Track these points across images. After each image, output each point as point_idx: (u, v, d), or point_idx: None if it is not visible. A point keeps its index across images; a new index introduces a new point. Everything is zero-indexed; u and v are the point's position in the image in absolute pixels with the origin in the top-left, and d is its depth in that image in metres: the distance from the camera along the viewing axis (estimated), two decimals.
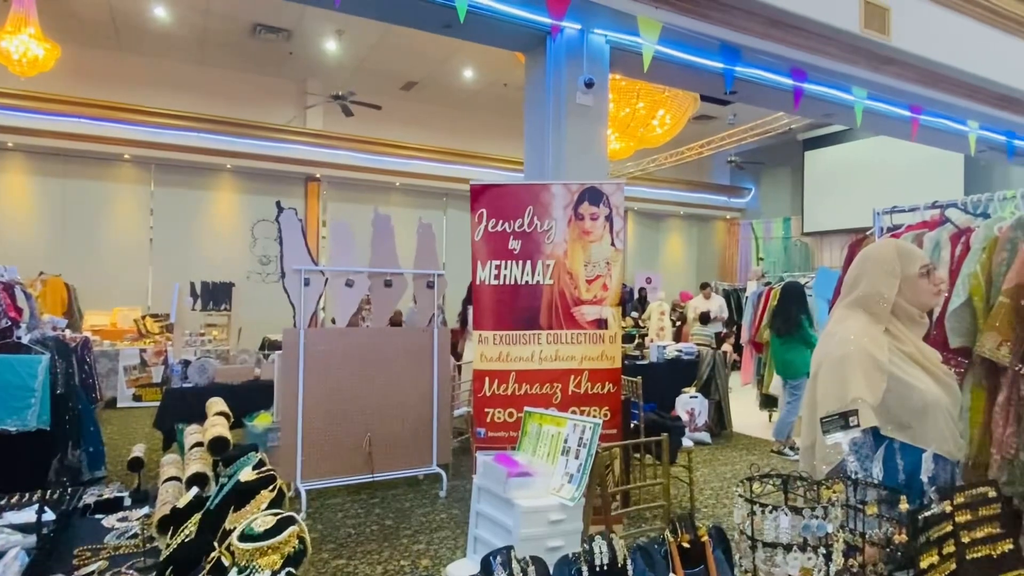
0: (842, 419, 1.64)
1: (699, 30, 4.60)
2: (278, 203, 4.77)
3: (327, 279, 4.81)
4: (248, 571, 1.22)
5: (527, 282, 3.86)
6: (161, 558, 1.65)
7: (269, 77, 11.59)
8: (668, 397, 6.32)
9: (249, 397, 5.21)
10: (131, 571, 1.85)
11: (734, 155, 14.34)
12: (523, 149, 5.04)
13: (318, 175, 11.66)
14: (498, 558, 1.20)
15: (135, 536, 2.10)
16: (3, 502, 2.19)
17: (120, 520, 2.22)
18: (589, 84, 4.30)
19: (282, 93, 11.71)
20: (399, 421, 4.81)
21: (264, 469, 1.71)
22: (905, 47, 5.79)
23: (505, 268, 3.86)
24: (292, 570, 1.11)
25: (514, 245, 3.86)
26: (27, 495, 2.26)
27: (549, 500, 2.34)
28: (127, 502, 2.37)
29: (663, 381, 6.48)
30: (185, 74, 10.96)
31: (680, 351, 7.23)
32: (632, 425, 4.43)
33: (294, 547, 1.28)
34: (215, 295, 7.81)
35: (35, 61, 7.18)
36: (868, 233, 3.47)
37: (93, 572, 1.85)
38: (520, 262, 3.86)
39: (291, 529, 1.29)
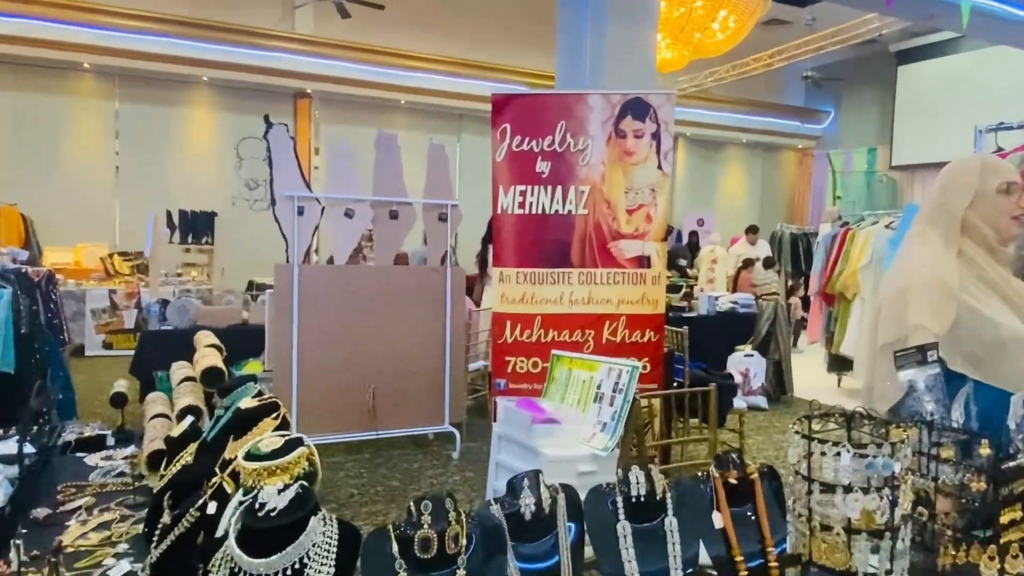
0: (919, 353, 1.69)
1: None
2: (266, 117, 4.83)
3: (323, 208, 4.89)
4: (255, 492, 1.34)
5: (557, 211, 3.90)
6: (155, 488, 1.79)
7: None
8: (719, 355, 6.40)
9: (236, 343, 5.30)
10: (120, 508, 2.01)
11: (810, 70, 13.95)
12: (554, 57, 5.00)
13: (309, 90, 11.64)
14: (525, 481, 1.31)
15: (122, 475, 2.26)
16: None
17: (104, 459, 2.39)
18: None
19: None
20: (406, 373, 4.95)
21: (265, 398, 1.83)
22: None
23: (531, 194, 3.89)
24: (305, 483, 1.22)
25: (542, 167, 3.87)
26: (4, 429, 2.44)
27: (579, 450, 2.45)
28: (110, 441, 2.54)
29: (714, 336, 6.55)
30: None
31: (735, 303, 7.27)
32: (675, 384, 4.53)
33: (304, 468, 1.40)
34: (195, 226, 7.98)
35: None
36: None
37: (80, 507, 2.02)
38: (549, 188, 3.88)
39: (300, 450, 1.41)
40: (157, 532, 1.56)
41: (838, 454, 1.52)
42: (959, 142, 12.65)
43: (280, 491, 1.18)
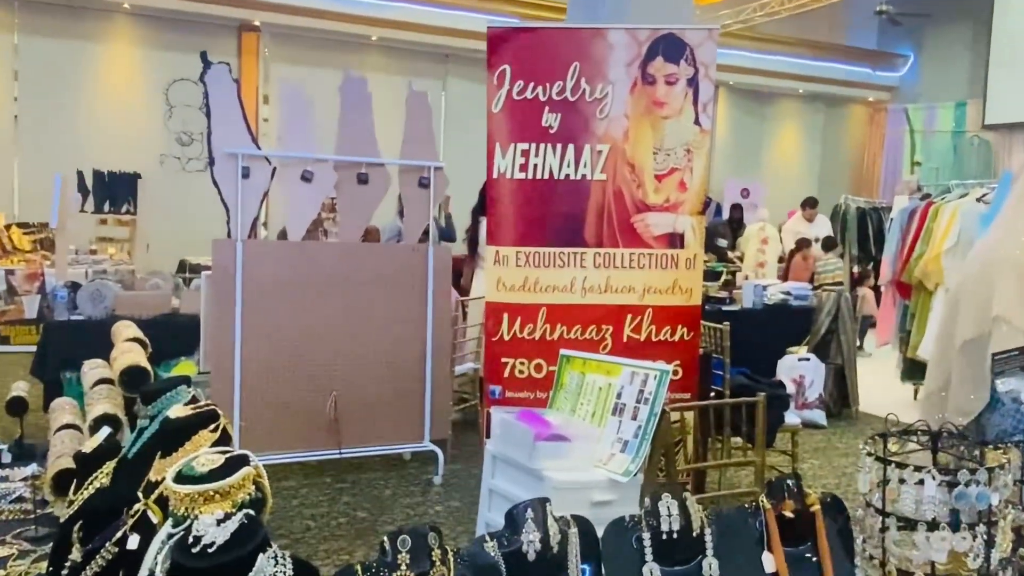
0: (1021, 354, 1.69)
1: None
2: (203, 54, 4.80)
3: (275, 169, 4.87)
4: (187, 522, 1.33)
5: (568, 176, 3.88)
6: (63, 517, 1.78)
7: None
8: (767, 359, 6.41)
9: (164, 338, 5.36)
10: (18, 540, 2.01)
11: (885, 3, 13.90)
12: None
13: (256, 22, 11.60)
14: (529, 512, 1.30)
15: (20, 500, 2.26)
16: None
17: (2, 477, 2.38)
18: None
19: None
20: (377, 377, 4.96)
21: (201, 405, 1.82)
22: None
23: (536, 155, 3.87)
24: (251, 512, 1.22)
25: (550, 120, 3.85)
26: None
27: (593, 474, 2.45)
28: (6, 458, 2.53)
29: (762, 335, 6.55)
30: None
31: (788, 293, 7.28)
32: (713, 393, 4.53)
33: (249, 494, 1.39)
34: (113, 191, 7.93)
35: None
36: None
37: None
38: (558, 146, 3.85)
39: (245, 470, 1.40)
40: (65, 572, 1.56)
41: (921, 482, 1.52)
42: None
43: (220, 522, 1.18)
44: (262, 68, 11.91)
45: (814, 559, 1.52)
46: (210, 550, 1.15)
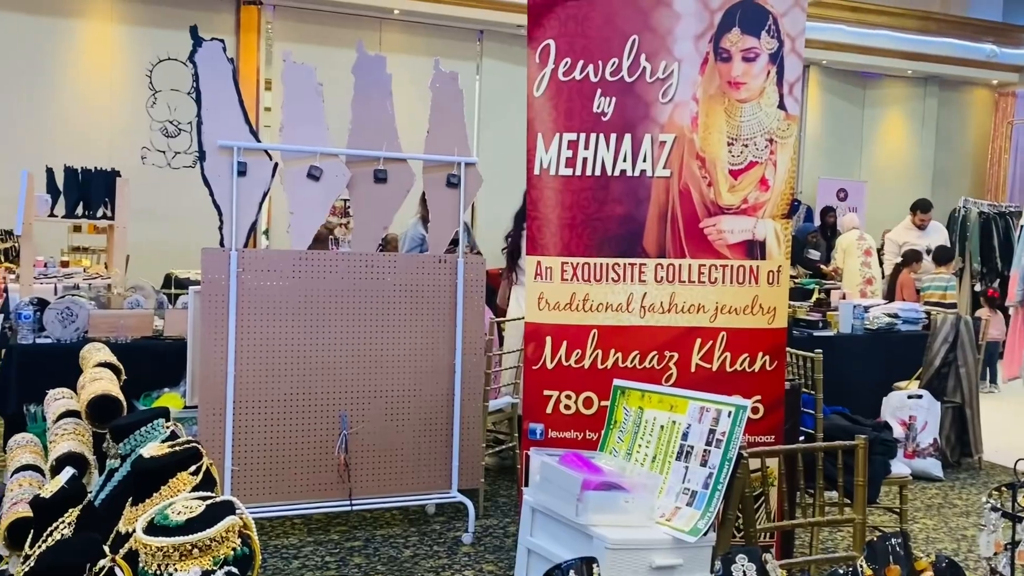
0: None
1: None
2: (193, 30, 4.89)
3: (276, 166, 4.94)
4: None
5: (624, 172, 3.87)
6: (18, 574, 1.80)
7: None
8: (870, 395, 6.33)
9: (145, 365, 5.45)
10: None
11: None
12: None
13: None
14: (571, 574, 1.28)
15: None
16: None
17: None
18: None
19: None
20: (397, 414, 5.00)
21: (181, 442, 1.83)
22: None
23: (586, 147, 3.87)
24: (234, 570, 1.21)
25: (604, 106, 3.84)
26: None
27: (654, 532, 2.42)
28: None
29: (863, 367, 6.50)
30: None
31: (895, 316, 7.21)
32: (801, 436, 4.47)
33: (235, 548, 1.38)
34: (88, 190, 8.01)
35: None
36: None
37: None
38: (613, 136, 3.85)
39: (229, 520, 1.39)
40: None
41: None
42: None
43: None
44: (264, 48, 12.07)
45: None
46: None
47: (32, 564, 1.75)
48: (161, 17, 11.47)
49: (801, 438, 4.44)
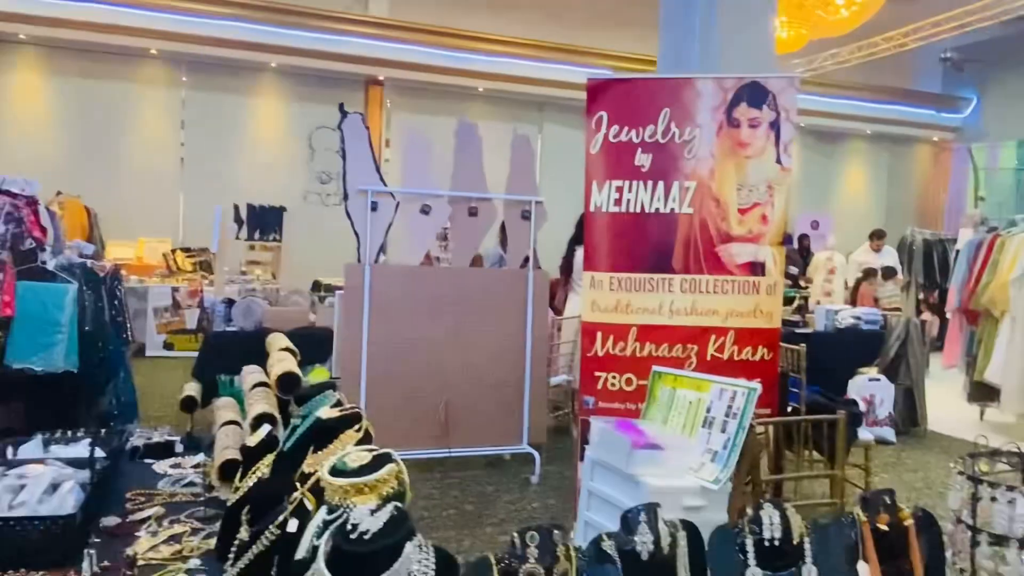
0: None
1: None
2: (341, 106, 4.97)
3: (398, 204, 4.99)
4: (341, 511, 1.36)
5: (658, 210, 3.83)
6: (230, 501, 1.85)
7: None
8: (838, 378, 6.17)
9: (302, 347, 5.50)
10: (190, 520, 2.09)
11: (950, 50, 13.32)
12: (652, 38, 4.93)
13: (381, 76, 11.93)
14: (642, 516, 1.27)
15: (191, 484, 2.35)
16: (48, 436, 2.51)
17: (173, 467, 2.48)
18: None
19: None
20: (482, 386, 5.00)
21: (347, 407, 1.86)
22: None
23: (629, 191, 3.84)
24: (399, 504, 1.23)
25: (643, 160, 3.82)
26: (73, 431, 2.58)
27: (686, 480, 2.40)
28: (179, 447, 2.64)
29: (833, 357, 6.33)
30: None
31: (859, 318, 7.03)
32: (789, 409, 4.39)
33: (393, 488, 1.41)
34: (263, 221, 8.29)
35: None
36: None
37: (150, 518, 2.10)
38: (650, 183, 3.82)
39: (390, 467, 1.42)
40: (234, 549, 1.60)
41: (1013, 501, 1.43)
42: None
43: (373, 512, 1.19)
44: (385, 116, 12.23)
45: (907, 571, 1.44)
46: (365, 537, 1.17)
47: (242, 494, 1.80)
48: (317, 95, 11.67)
49: (789, 410, 4.35)
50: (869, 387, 6.15)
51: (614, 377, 3.89)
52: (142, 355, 8.48)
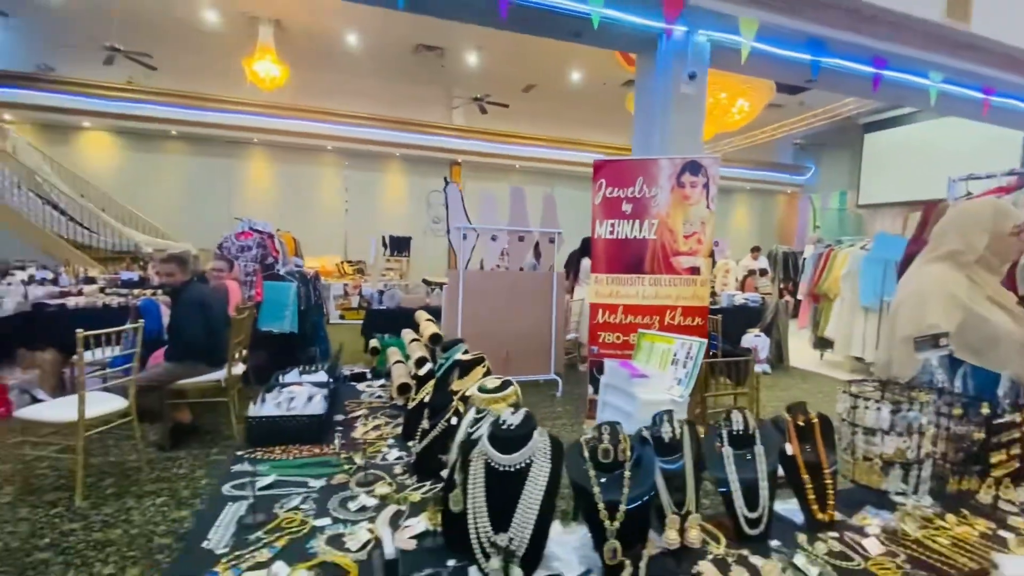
0: (933, 340, 1.55)
1: (790, 26, 4.16)
2: (445, 178, 5.03)
3: (477, 235, 5.01)
4: (485, 412, 1.39)
5: (635, 236, 3.80)
6: (410, 406, 1.88)
7: (423, 86, 11.87)
8: (736, 336, 6.09)
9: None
10: (384, 417, 2.14)
11: (800, 138, 12.97)
12: (615, 136, 4.88)
13: (460, 160, 11.94)
14: (665, 416, 1.29)
15: (379, 397, 2.41)
16: (302, 368, 2.59)
17: (367, 387, 2.55)
18: (692, 76, 4.06)
19: (433, 98, 11.96)
20: (527, 339, 5.01)
21: (474, 353, 1.88)
22: (985, 33, 4.91)
23: (618, 226, 3.81)
24: (525, 409, 1.25)
25: (626, 207, 3.79)
26: (312, 366, 2.65)
27: (664, 396, 2.38)
28: (369, 376, 2.70)
29: (733, 323, 6.23)
30: (366, 85, 11.43)
31: (747, 299, 6.89)
32: (711, 353, 4.33)
33: (514, 399, 1.43)
34: (398, 245, 8.39)
35: (274, 80, 7.84)
36: (944, 200, 3.10)
37: (360, 416, 2.16)
38: (631, 221, 3.79)
39: (513, 387, 1.45)
40: (418, 433, 1.64)
41: (879, 408, 1.42)
42: (911, 187, 11.50)
43: (513, 413, 1.22)
44: (463, 183, 12.24)
45: (810, 449, 1.42)
46: (511, 427, 1.19)
47: (418, 402, 1.83)
48: (425, 171, 11.71)
49: (712, 354, 4.31)
50: (755, 340, 6.04)
51: (609, 335, 3.87)
52: (328, 322, 8.59)
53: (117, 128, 9.88)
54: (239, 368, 3.74)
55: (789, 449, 1.37)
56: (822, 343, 6.95)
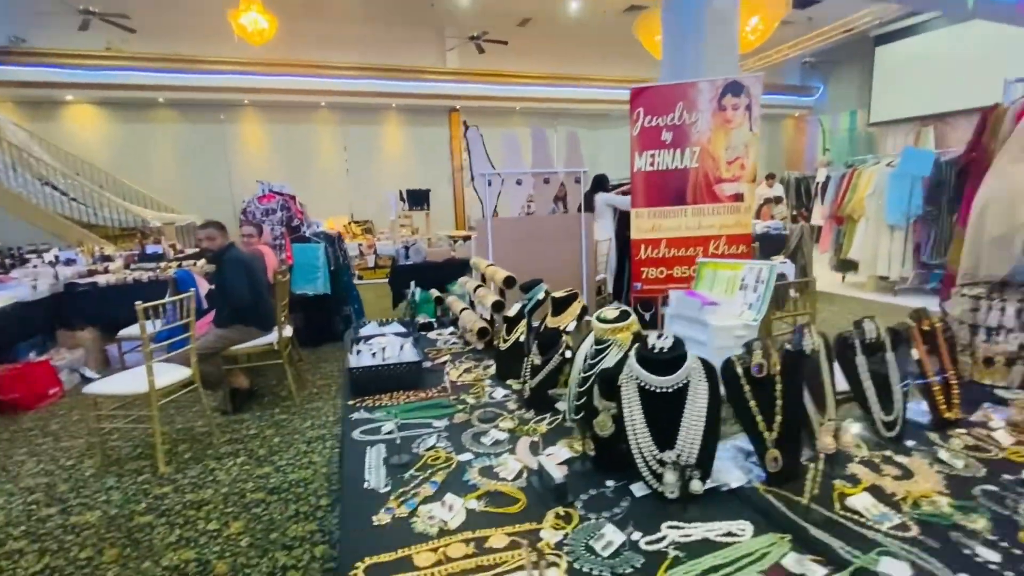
0: None
1: None
2: (464, 122, 4.81)
3: (503, 180, 4.87)
4: (608, 342, 1.38)
5: (676, 167, 3.70)
6: (503, 347, 1.88)
7: (414, 27, 11.22)
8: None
9: (449, 271, 5.58)
10: (469, 360, 2.15)
11: (807, 56, 12.41)
12: (622, 68, 4.62)
13: (457, 106, 11.49)
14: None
15: (454, 343, 2.41)
16: (381, 322, 2.61)
17: (437, 335, 2.55)
18: None
19: (426, 40, 11.35)
20: (559, 281, 4.94)
21: (567, 290, 1.86)
22: None
23: (659, 156, 3.71)
24: (675, 334, 1.24)
25: (666, 136, 3.67)
26: (387, 320, 2.66)
27: (736, 321, 2.38)
28: (435, 325, 2.71)
29: (761, 249, 6.19)
30: (357, 32, 10.83)
31: (768, 227, 6.83)
32: None
33: (636, 329, 1.42)
34: (416, 199, 8.21)
35: (263, 33, 7.39)
36: (1000, 103, 2.98)
37: (444, 360, 2.17)
38: (671, 150, 3.68)
39: (632, 317, 1.43)
40: (527, 370, 1.64)
41: (1003, 308, 1.42)
42: (925, 101, 11.12)
43: (659, 338, 1.21)
44: (461, 130, 11.84)
45: (933, 354, 1.41)
46: (663, 351, 1.18)
47: (512, 342, 1.82)
48: (424, 121, 11.29)
49: None
50: (781, 267, 6.04)
51: (652, 270, 3.86)
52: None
53: (101, 99, 9.42)
54: (289, 330, 3.75)
55: (915, 354, 1.37)
56: (844, 265, 6.96)
